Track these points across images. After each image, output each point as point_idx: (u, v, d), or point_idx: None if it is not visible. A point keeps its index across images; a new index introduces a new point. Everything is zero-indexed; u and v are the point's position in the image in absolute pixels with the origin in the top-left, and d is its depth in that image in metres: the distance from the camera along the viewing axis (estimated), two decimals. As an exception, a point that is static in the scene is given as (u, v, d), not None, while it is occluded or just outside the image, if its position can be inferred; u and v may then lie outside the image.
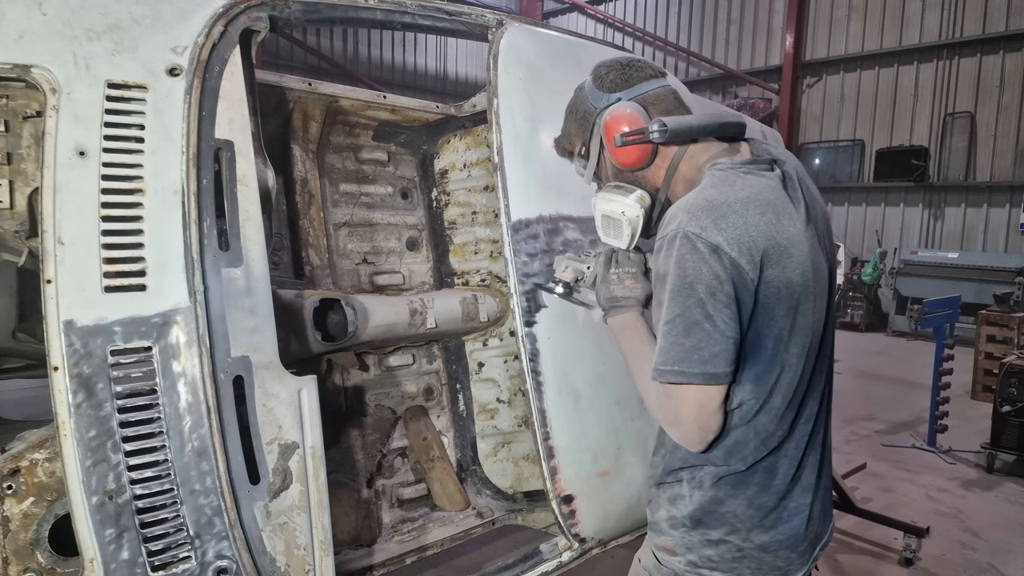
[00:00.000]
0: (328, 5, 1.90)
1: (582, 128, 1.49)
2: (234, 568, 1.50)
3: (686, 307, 1.21)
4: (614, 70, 1.45)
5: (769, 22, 13.64)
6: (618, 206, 1.44)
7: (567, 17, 16.86)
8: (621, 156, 1.41)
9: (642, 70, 1.44)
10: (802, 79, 13.09)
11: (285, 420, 1.60)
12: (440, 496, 2.63)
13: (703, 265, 1.20)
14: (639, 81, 1.42)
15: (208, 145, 1.55)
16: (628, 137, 1.37)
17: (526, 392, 2.00)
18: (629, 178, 1.45)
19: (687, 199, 1.30)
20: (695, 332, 1.21)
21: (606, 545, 2.18)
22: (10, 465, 1.47)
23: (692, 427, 1.27)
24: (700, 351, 1.21)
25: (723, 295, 1.20)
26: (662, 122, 1.34)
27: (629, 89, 1.42)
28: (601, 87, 1.45)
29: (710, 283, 1.20)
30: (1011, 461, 5.00)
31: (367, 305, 2.24)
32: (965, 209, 11.41)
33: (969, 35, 11.15)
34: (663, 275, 1.26)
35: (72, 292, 1.39)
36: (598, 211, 1.49)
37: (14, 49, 1.42)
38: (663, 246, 1.27)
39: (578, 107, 1.50)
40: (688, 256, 1.21)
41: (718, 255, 1.20)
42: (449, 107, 2.75)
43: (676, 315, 1.22)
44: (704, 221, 1.22)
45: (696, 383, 1.22)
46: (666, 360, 1.24)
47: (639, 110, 1.39)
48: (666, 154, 1.42)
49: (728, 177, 1.32)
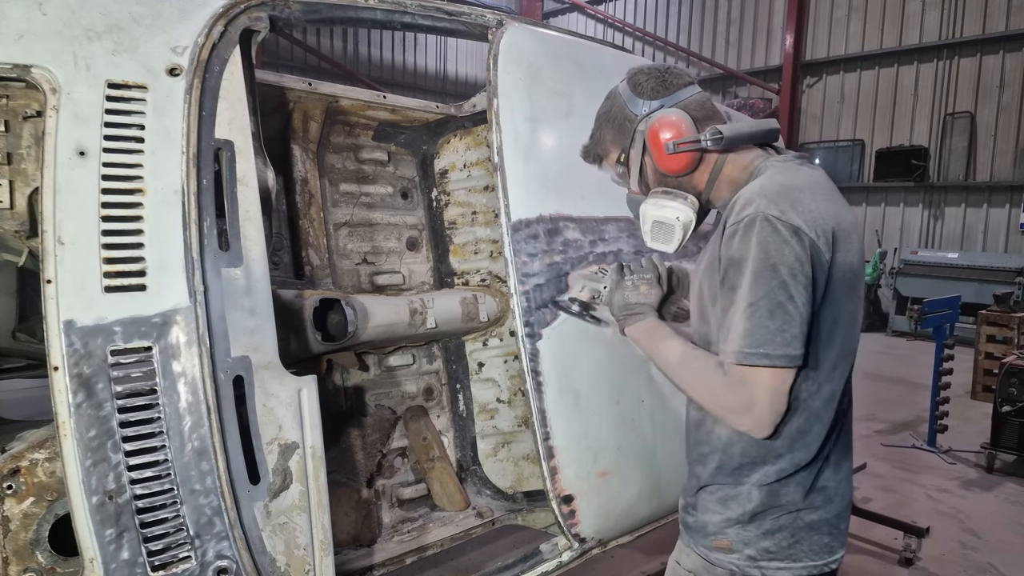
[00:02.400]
0: (328, 5, 1.90)
1: (620, 135, 1.49)
2: (234, 568, 1.50)
3: (770, 289, 1.23)
4: (653, 77, 1.45)
5: (769, 22, 13.64)
6: (672, 212, 1.46)
7: (567, 17, 16.86)
8: (670, 163, 1.42)
9: (680, 76, 1.46)
10: (802, 79, 13.09)
11: (285, 420, 1.60)
12: (440, 496, 2.63)
13: (785, 247, 1.23)
14: (678, 88, 1.44)
15: (208, 145, 1.55)
16: (681, 145, 1.39)
17: (526, 392, 2.00)
18: (672, 183, 1.47)
19: (757, 186, 1.32)
20: (778, 314, 1.23)
21: (606, 545, 2.18)
22: (10, 465, 1.47)
23: (766, 411, 1.26)
24: (783, 333, 1.23)
25: (803, 276, 1.23)
26: (717, 130, 1.37)
27: (669, 96, 1.43)
28: (640, 94, 1.45)
29: (792, 265, 1.23)
30: (1011, 461, 5.00)
31: (367, 305, 2.24)
32: (965, 209, 11.41)
33: (969, 35, 11.16)
34: (739, 259, 1.27)
35: (72, 292, 1.39)
36: (649, 218, 1.50)
37: (14, 49, 1.42)
38: (738, 231, 1.28)
39: (615, 114, 1.50)
40: (770, 238, 1.23)
41: (799, 236, 1.23)
42: (449, 107, 2.75)
43: (760, 297, 1.24)
44: (782, 204, 1.26)
45: (779, 365, 1.23)
46: (752, 342, 1.24)
47: (686, 117, 1.41)
48: (709, 159, 1.45)
49: (789, 167, 1.38)
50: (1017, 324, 6.72)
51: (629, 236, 2.28)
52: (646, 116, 1.44)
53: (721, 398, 1.32)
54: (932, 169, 11.65)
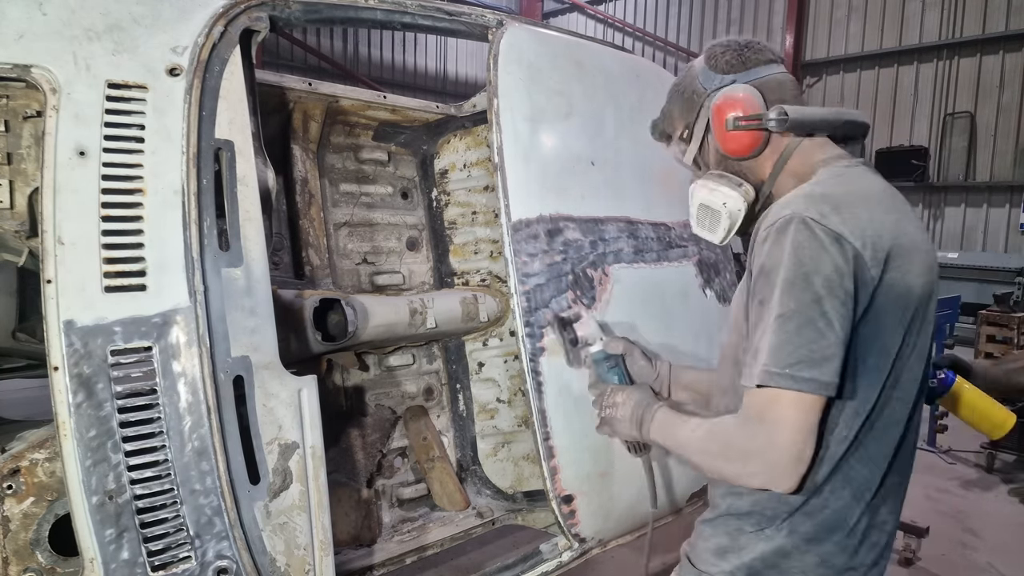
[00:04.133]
0: (328, 5, 1.90)
1: (687, 109, 1.37)
2: (234, 568, 1.50)
3: (801, 302, 1.06)
4: (730, 50, 1.32)
5: (769, 22, 13.64)
6: (720, 196, 1.31)
7: (567, 17, 16.86)
8: (730, 142, 1.29)
9: (761, 52, 1.32)
10: (802, 79, 13.09)
11: (285, 420, 1.60)
12: (440, 496, 2.63)
13: (823, 254, 1.06)
14: (757, 64, 1.30)
15: (208, 145, 1.55)
16: (741, 121, 1.26)
17: (526, 392, 2.00)
18: (733, 167, 1.33)
19: (799, 189, 1.20)
20: (809, 333, 1.05)
21: (606, 545, 2.18)
22: (10, 465, 1.47)
23: (785, 453, 1.06)
24: (812, 353, 1.05)
25: (841, 291, 1.06)
26: (782, 109, 1.22)
27: (745, 72, 1.30)
28: (715, 68, 1.32)
29: (829, 275, 1.06)
30: (1011, 461, 5.00)
31: (367, 305, 2.24)
32: (965, 209, 11.41)
33: (969, 35, 11.16)
34: (770, 267, 1.11)
35: (72, 292, 1.39)
36: (696, 199, 1.37)
37: (14, 49, 1.42)
38: (770, 235, 1.12)
39: (685, 87, 1.38)
40: (806, 243, 1.07)
41: (840, 244, 1.07)
42: (449, 107, 2.74)
43: (790, 310, 1.06)
44: (823, 208, 1.10)
45: (804, 390, 1.05)
46: (776, 361, 1.06)
47: (755, 94, 1.27)
48: (777, 146, 1.29)
49: (846, 173, 1.23)
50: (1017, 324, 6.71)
51: (629, 236, 2.28)
52: (715, 90, 1.31)
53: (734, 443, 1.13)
54: (932, 169, 11.65)
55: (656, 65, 3.02)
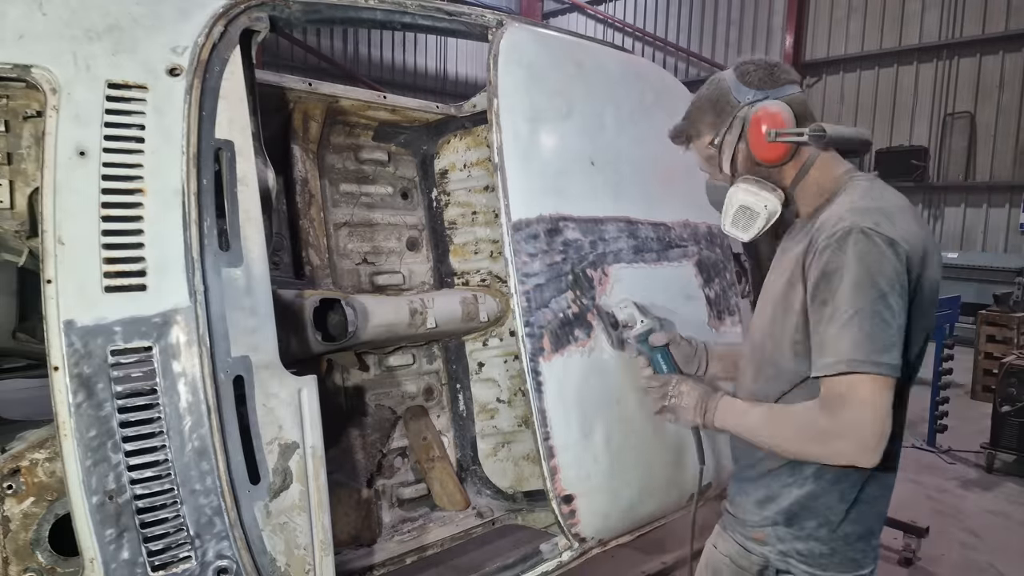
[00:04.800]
0: (328, 5, 1.90)
1: (719, 118, 1.52)
2: (234, 568, 1.50)
3: (871, 300, 1.24)
4: (762, 68, 1.49)
5: (769, 22, 13.64)
6: (761, 200, 1.48)
7: (567, 17, 16.86)
8: (766, 151, 1.46)
9: (788, 73, 1.51)
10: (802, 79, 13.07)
11: (285, 420, 1.60)
12: (440, 496, 2.63)
13: (882, 258, 1.25)
14: (784, 83, 1.48)
15: (208, 145, 1.55)
16: (783, 136, 1.43)
17: (526, 392, 2.00)
18: (763, 173, 1.50)
19: (847, 204, 1.36)
20: (878, 324, 1.24)
21: (606, 545, 2.18)
22: (10, 465, 1.47)
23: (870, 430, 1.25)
24: (885, 341, 1.24)
25: (899, 287, 1.26)
26: (820, 126, 1.41)
27: (776, 89, 1.47)
28: (748, 83, 1.49)
29: (890, 276, 1.25)
30: (1011, 461, 5.00)
31: (367, 305, 2.24)
32: (965, 209, 11.42)
33: (969, 35, 11.16)
34: (831, 272, 1.29)
35: (72, 292, 1.39)
36: (736, 201, 1.51)
37: (14, 49, 1.42)
38: (831, 244, 1.30)
39: (717, 98, 1.53)
40: (868, 250, 1.26)
41: (895, 248, 1.26)
42: (449, 107, 2.75)
43: (861, 307, 1.25)
44: (876, 217, 1.29)
45: (884, 374, 1.24)
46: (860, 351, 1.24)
47: (789, 110, 1.45)
48: (801, 156, 1.48)
49: (874, 187, 1.42)
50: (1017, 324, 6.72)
51: (629, 236, 2.28)
52: (750, 104, 1.47)
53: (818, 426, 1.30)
54: (932, 169, 11.65)
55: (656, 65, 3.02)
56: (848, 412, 1.26)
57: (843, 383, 1.26)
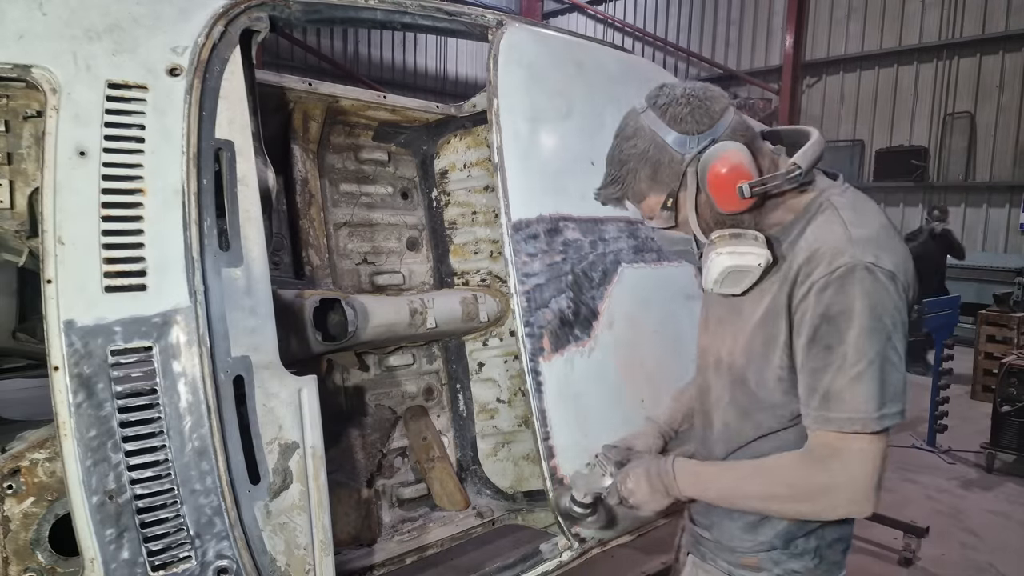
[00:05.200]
0: (328, 5, 1.90)
1: (666, 178, 1.29)
2: (234, 568, 1.50)
3: (883, 345, 1.15)
4: (692, 107, 1.26)
5: (769, 22, 13.64)
6: (752, 258, 1.25)
7: (567, 17, 16.86)
8: (740, 205, 1.25)
9: (718, 100, 1.28)
10: (802, 79, 13.09)
11: (285, 420, 1.60)
12: (440, 496, 2.63)
13: (887, 296, 1.16)
14: (721, 114, 1.26)
15: (208, 145, 1.55)
16: (756, 188, 1.23)
17: (526, 392, 2.00)
18: (731, 220, 1.30)
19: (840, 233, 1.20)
20: (888, 370, 1.15)
21: (606, 545, 2.18)
22: (10, 465, 1.47)
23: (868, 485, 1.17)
24: (895, 389, 1.16)
25: (902, 324, 1.17)
26: (796, 165, 1.24)
27: (715, 126, 1.25)
28: (684, 130, 1.25)
29: (894, 314, 1.16)
30: (1011, 461, 5.00)
31: (367, 305, 2.24)
32: (965, 209, 11.41)
33: (969, 35, 11.16)
34: (836, 314, 1.16)
35: (72, 292, 1.39)
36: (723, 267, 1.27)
37: (14, 49, 1.42)
38: (831, 283, 1.17)
39: (653, 156, 1.28)
40: (872, 289, 1.15)
41: (895, 283, 1.17)
42: (449, 107, 2.75)
43: (876, 353, 1.15)
44: (875, 250, 1.17)
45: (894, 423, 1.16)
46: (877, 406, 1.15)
47: (746, 151, 1.24)
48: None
49: (856, 204, 1.27)
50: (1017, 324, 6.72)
51: (629, 236, 2.28)
52: (697, 155, 1.25)
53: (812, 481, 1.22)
54: (932, 169, 11.65)
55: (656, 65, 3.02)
56: (843, 466, 1.18)
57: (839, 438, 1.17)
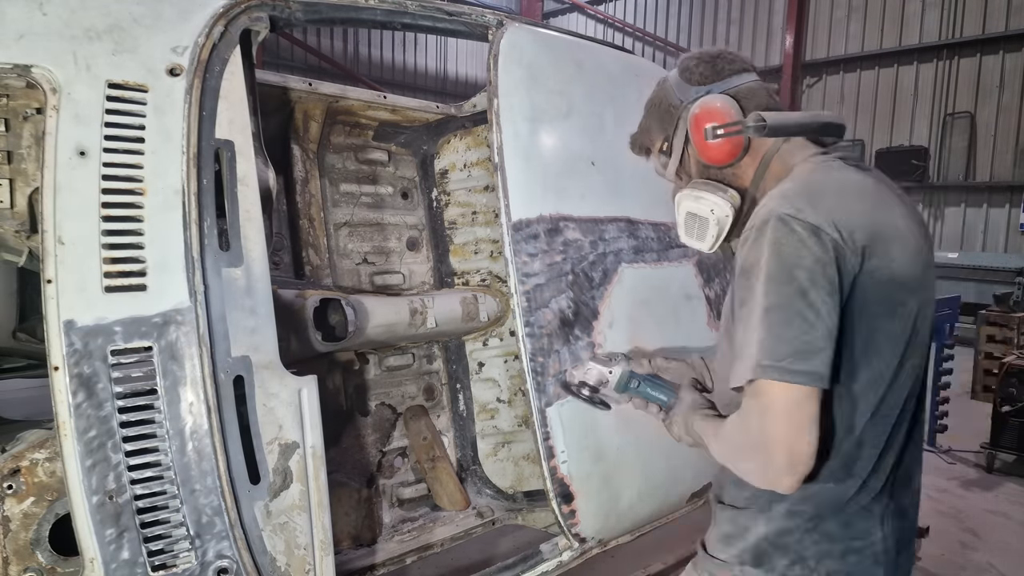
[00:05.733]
0: (328, 5, 1.90)
1: (664, 123, 1.40)
2: (234, 568, 1.50)
3: (785, 295, 1.07)
4: (703, 62, 1.35)
5: (769, 22, 13.64)
6: (707, 204, 1.32)
7: (567, 17, 16.85)
8: (710, 151, 1.31)
9: (733, 62, 1.34)
10: (802, 79, 13.08)
11: (285, 420, 1.60)
12: (440, 496, 2.63)
13: (802, 248, 1.08)
14: (731, 74, 1.33)
15: (208, 145, 1.55)
16: (720, 130, 1.27)
17: (526, 392, 2.00)
18: (716, 175, 1.35)
19: (775, 190, 1.21)
20: (795, 323, 1.06)
21: (606, 545, 2.18)
22: (10, 465, 1.47)
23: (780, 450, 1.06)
24: (804, 346, 1.05)
25: (825, 281, 1.07)
26: (759, 115, 1.24)
27: (720, 82, 1.32)
28: (689, 80, 1.35)
29: (811, 267, 1.07)
30: (1011, 461, 4.99)
31: (367, 305, 2.24)
32: (965, 209, 11.41)
33: (969, 35, 11.16)
34: (748, 266, 1.12)
35: (72, 292, 1.39)
36: (682, 209, 1.37)
37: (15, 49, 1.42)
38: (749, 236, 1.15)
39: (661, 101, 1.41)
40: (784, 239, 1.09)
41: (818, 236, 1.08)
42: (449, 107, 2.75)
43: (773, 304, 1.07)
44: (799, 203, 1.12)
45: (798, 383, 1.05)
46: (767, 355, 1.06)
47: (732, 103, 1.30)
48: (757, 152, 1.32)
49: (821, 166, 1.24)
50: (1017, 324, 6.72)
51: (629, 236, 2.28)
52: (691, 102, 1.33)
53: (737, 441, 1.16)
54: (932, 169, 11.65)
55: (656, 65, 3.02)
56: (757, 426, 1.09)
57: (756, 391, 1.09)
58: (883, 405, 1.18)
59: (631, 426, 2.17)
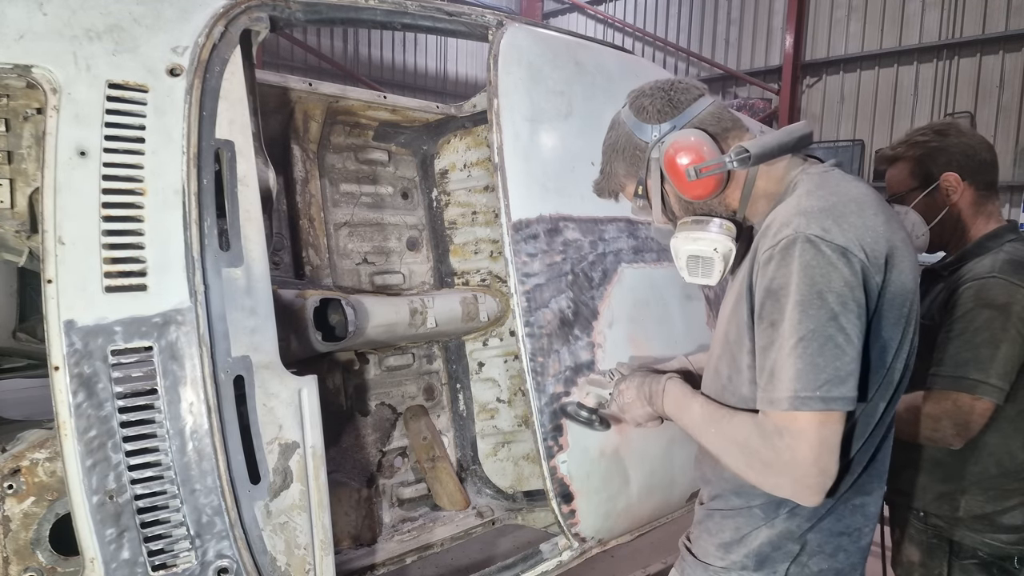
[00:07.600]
0: (328, 5, 1.90)
1: (634, 166, 1.37)
2: (234, 567, 1.50)
3: (818, 321, 1.07)
4: (656, 97, 1.32)
5: (769, 22, 13.63)
6: (707, 244, 1.30)
7: (567, 17, 16.85)
8: (694, 189, 1.28)
9: (687, 91, 1.32)
10: (802, 79, 13.08)
11: (285, 420, 1.60)
12: (440, 496, 2.64)
13: (832, 271, 1.08)
14: (687, 104, 1.30)
15: (209, 145, 1.56)
16: (704, 170, 1.25)
17: (526, 392, 2.00)
18: (702, 208, 1.33)
19: (793, 204, 1.18)
20: (828, 350, 1.07)
21: (606, 545, 2.18)
22: (11, 465, 1.47)
23: (811, 470, 1.09)
24: (837, 371, 1.07)
25: (855, 304, 1.09)
26: (743, 148, 1.23)
27: (679, 115, 1.30)
28: (647, 118, 1.32)
29: (841, 291, 1.08)
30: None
31: (367, 305, 2.24)
32: (965, 209, 11.40)
33: (969, 35, 11.15)
34: (777, 289, 1.12)
35: (73, 292, 1.39)
36: (682, 253, 1.34)
37: (15, 49, 1.42)
38: (774, 256, 1.13)
39: (622, 144, 1.38)
40: (813, 262, 1.09)
41: (847, 258, 1.09)
42: (449, 107, 2.75)
43: (810, 331, 1.08)
44: (825, 223, 1.11)
45: (833, 409, 1.08)
46: (806, 385, 1.08)
47: (703, 136, 1.27)
48: (739, 176, 1.31)
49: (828, 179, 1.23)
50: (1017, 324, 6.71)
51: (629, 236, 2.28)
52: (657, 142, 1.30)
53: (757, 452, 1.15)
54: (932, 169, 11.64)
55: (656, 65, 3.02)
56: (787, 447, 1.10)
57: (785, 419, 1.11)
58: (888, 409, 1.23)
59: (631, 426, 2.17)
